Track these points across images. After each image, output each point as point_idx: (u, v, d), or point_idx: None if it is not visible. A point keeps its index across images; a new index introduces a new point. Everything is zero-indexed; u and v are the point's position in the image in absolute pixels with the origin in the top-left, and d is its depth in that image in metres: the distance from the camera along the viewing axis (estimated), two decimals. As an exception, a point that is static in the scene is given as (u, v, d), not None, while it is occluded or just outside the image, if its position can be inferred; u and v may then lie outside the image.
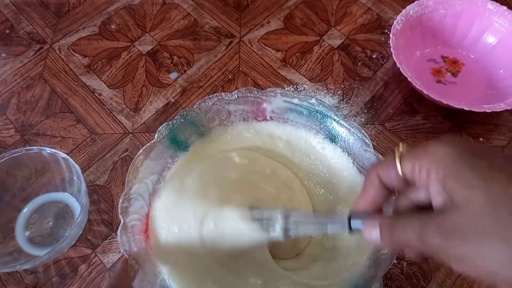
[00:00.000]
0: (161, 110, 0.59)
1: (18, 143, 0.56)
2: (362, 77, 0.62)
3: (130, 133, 0.57)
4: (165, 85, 0.61)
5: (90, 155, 0.55)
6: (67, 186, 0.52)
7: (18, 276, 0.48)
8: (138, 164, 0.43)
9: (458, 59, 0.62)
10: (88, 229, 0.50)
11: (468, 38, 0.62)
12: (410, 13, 0.59)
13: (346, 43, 0.65)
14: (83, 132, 0.57)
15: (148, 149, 0.44)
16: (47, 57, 0.64)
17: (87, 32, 0.67)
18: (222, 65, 0.63)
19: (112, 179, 0.54)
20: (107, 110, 0.59)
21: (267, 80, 0.61)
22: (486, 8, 0.59)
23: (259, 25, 0.67)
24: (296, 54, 0.64)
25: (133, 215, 0.41)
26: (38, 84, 0.61)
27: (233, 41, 0.65)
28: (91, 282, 0.48)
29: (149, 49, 0.65)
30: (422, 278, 0.47)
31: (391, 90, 0.60)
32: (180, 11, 0.69)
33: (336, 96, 0.60)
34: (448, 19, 0.61)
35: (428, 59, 0.62)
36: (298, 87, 0.61)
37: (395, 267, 0.48)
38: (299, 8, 0.69)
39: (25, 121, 0.58)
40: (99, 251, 0.49)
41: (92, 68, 0.63)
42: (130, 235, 0.40)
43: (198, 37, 0.66)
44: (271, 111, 0.49)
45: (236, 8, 0.69)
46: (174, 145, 0.47)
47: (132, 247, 0.40)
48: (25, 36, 0.66)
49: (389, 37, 0.57)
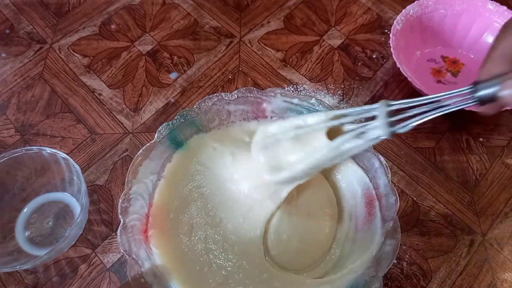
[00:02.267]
0: (161, 110, 0.59)
1: (18, 143, 0.56)
2: (362, 77, 0.62)
3: (130, 133, 0.57)
4: (165, 85, 0.61)
5: (90, 155, 0.55)
6: (67, 186, 0.51)
7: (18, 276, 0.48)
8: (138, 164, 0.43)
9: (458, 59, 0.62)
10: (88, 229, 0.50)
11: (468, 38, 0.62)
12: (410, 13, 0.59)
13: (346, 43, 0.65)
14: (83, 132, 0.57)
15: (148, 149, 0.44)
16: (47, 57, 0.64)
17: (87, 32, 0.67)
18: (222, 65, 0.63)
19: (112, 179, 0.54)
20: (107, 110, 0.59)
21: (267, 80, 0.61)
22: (486, 8, 0.59)
23: (259, 25, 0.67)
24: (296, 54, 0.64)
25: (133, 215, 0.41)
26: (38, 84, 0.61)
27: (233, 41, 0.65)
28: (91, 282, 0.47)
29: (149, 49, 0.65)
30: (422, 278, 0.47)
31: (391, 90, 0.60)
32: (180, 11, 0.69)
33: (336, 96, 0.60)
34: (448, 19, 0.61)
35: (428, 59, 0.62)
36: (298, 87, 0.61)
37: (395, 267, 0.48)
38: (299, 8, 0.69)
39: (25, 121, 0.58)
40: (99, 251, 0.49)
41: (92, 68, 0.63)
42: (130, 235, 0.40)
43: (198, 37, 0.66)
44: (271, 111, 0.49)
45: (236, 8, 0.69)
46: (174, 145, 0.47)
47: (132, 247, 0.40)
48: (25, 36, 0.66)
49: (389, 37, 0.57)
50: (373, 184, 0.44)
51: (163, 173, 0.46)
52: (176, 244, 0.44)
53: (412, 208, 0.52)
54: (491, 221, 0.51)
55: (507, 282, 0.48)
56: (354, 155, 0.45)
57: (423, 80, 0.59)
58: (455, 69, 0.61)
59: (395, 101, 0.32)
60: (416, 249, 0.49)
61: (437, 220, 0.51)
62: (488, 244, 0.50)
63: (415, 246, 0.49)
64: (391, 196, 0.41)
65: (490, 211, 0.52)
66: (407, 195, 0.52)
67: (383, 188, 0.42)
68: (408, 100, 0.32)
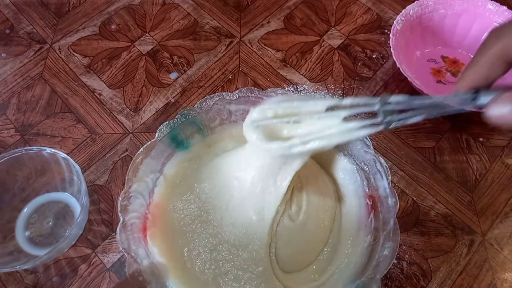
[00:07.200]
0: (161, 110, 0.59)
1: (18, 143, 0.56)
2: (362, 77, 0.62)
3: (130, 133, 0.57)
4: (165, 85, 0.61)
5: (90, 155, 0.55)
6: (67, 186, 0.51)
7: (18, 276, 0.48)
8: (138, 163, 0.43)
9: (458, 59, 0.62)
10: (88, 229, 0.50)
11: (468, 38, 0.62)
12: (410, 13, 0.59)
13: (346, 43, 0.65)
14: (83, 132, 0.57)
15: (148, 147, 0.44)
16: (47, 57, 0.64)
17: (87, 32, 0.67)
18: (222, 65, 0.63)
19: (112, 179, 0.54)
20: (107, 110, 0.59)
21: (267, 80, 0.61)
22: (486, 8, 0.59)
23: (259, 25, 0.67)
24: (296, 54, 0.64)
25: (133, 213, 0.41)
26: (38, 84, 0.61)
27: (233, 41, 0.66)
28: (91, 282, 0.47)
29: (149, 49, 0.65)
30: (422, 278, 0.48)
31: (391, 90, 0.60)
32: (180, 11, 0.69)
33: (336, 96, 0.60)
34: (448, 19, 0.61)
35: (428, 59, 0.62)
36: (298, 87, 0.61)
37: (395, 267, 0.48)
38: (299, 8, 0.69)
39: (25, 121, 0.58)
40: (99, 251, 0.49)
41: (92, 68, 0.63)
42: (129, 233, 0.40)
43: (198, 37, 0.66)
44: (272, 111, 0.49)
45: (236, 8, 0.69)
46: (174, 144, 0.47)
47: (131, 246, 0.40)
48: (25, 36, 0.66)
49: (389, 37, 0.57)
50: (373, 185, 0.44)
51: (163, 172, 0.46)
52: (175, 242, 0.44)
53: (412, 208, 0.52)
54: (491, 220, 0.51)
55: (507, 282, 0.48)
56: (352, 156, 0.46)
57: (423, 80, 0.59)
58: (455, 69, 0.61)
59: (395, 95, 0.32)
60: (416, 249, 0.49)
61: (437, 220, 0.51)
62: (488, 244, 0.50)
63: (415, 246, 0.49)
64: (391, 198, 0.41)
65: (490, 210, 0.52)
66: (407, 195, 0.53)
67: (383, 190, 0.42)
68: (407, 96, 0.32)
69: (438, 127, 0.57)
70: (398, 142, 0.56)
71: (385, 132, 0.56)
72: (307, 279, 0.44)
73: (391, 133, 0.57)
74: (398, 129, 0.57)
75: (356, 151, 0.45)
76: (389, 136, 0.56)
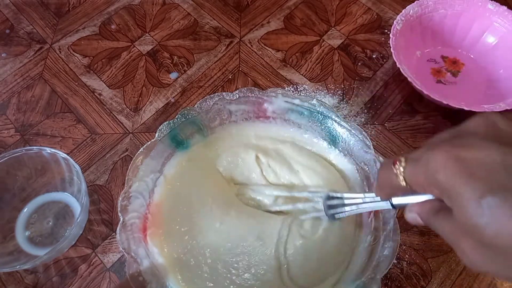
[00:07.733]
0: (161, 110, 0.59)
1: (18, 143, 0.56)
2: (362, 77, 0.62)
3: (130, 133, 0.57)
4: (165, 85, 0.61)
5: (90, 155, 0.55)
6: (67, 186, 0.51)
7: (18, 276, 0.48)
8: (138, 163, 0.43)
9: (458, 59, 0.62)
10: (88, 229, 0.50)
11: (468, 38, 0.62)
12: (410, 13, 0.59)
13: (346, 43, 0.65)
14: (83, 132, 0.57)
15: (148, 147, 0.44)
16: (47, 57, 0.64)
17: (87, 32, 0.67)
18: (222, 65, 0.63)
19: (112, 179, 0.54)
20: (107, 110, 0.59)
21: (267, 80, 0.61)
22: (486, 8, 0.59)
23: (259, 25, 0.67)
24: (296, 54, 0.64)
25: (133, 213, 0.41)
26: (38, 84, 0.61)
27: (233, 41, 0.66)
28: (91, 282, 0.47)
29: (149, 49, 0.65)
30: (422, 278, 0.47)
31: (391, 90, 0.60)
32: (180, 11, 0.69)
33: (336, 96, 0.60)
34: (448, 19, 0.61)
35: (428, 59, 0.62)
36: (298, 87, 0.61)
37: (395, 267, 0.48)
38: (299, 8, 0.69)
39: (25, 121, 0.58)
40: (99, 251, 0.49)
41: (92, 68, 0.63)
42: (129, 233, 0.40)
43: (198, 37, 0.66)
44: (272, 111, 0.49)
45: (236, 8, 0.69)
46: (174, 144, 0.47)
47: (131, 246, 0.40)
48: (25, 36, 0.66)
49: (389, 37, 0.57)
50: (373, 185, 0.44)
51: (163, 172, 0.46)
52: (174, 242, 0.44)
53: (412, 208, 0.52)
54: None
55: (507, 282, 0.48)
56: (352, 156, 0.46)
57: (423, 80, 0.59)
58: (455, 69, 0.61)
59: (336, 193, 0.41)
60: (416, 249, 0.49)
61: (437, 220, 0.51)
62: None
63: (415, 246, 0.49)
64: None
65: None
66: (407, 195, 0.52)
67: None
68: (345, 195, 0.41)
69: (438, 127, 0.57)
70: (398, 142, 0.56)
71: (385, 132, 0.56)
72: None
73: (391, 133, 0.57)
74: (398, 129, 0.57)
75: (356, 151, 0.45)
76: (389, 136, 0.56)
